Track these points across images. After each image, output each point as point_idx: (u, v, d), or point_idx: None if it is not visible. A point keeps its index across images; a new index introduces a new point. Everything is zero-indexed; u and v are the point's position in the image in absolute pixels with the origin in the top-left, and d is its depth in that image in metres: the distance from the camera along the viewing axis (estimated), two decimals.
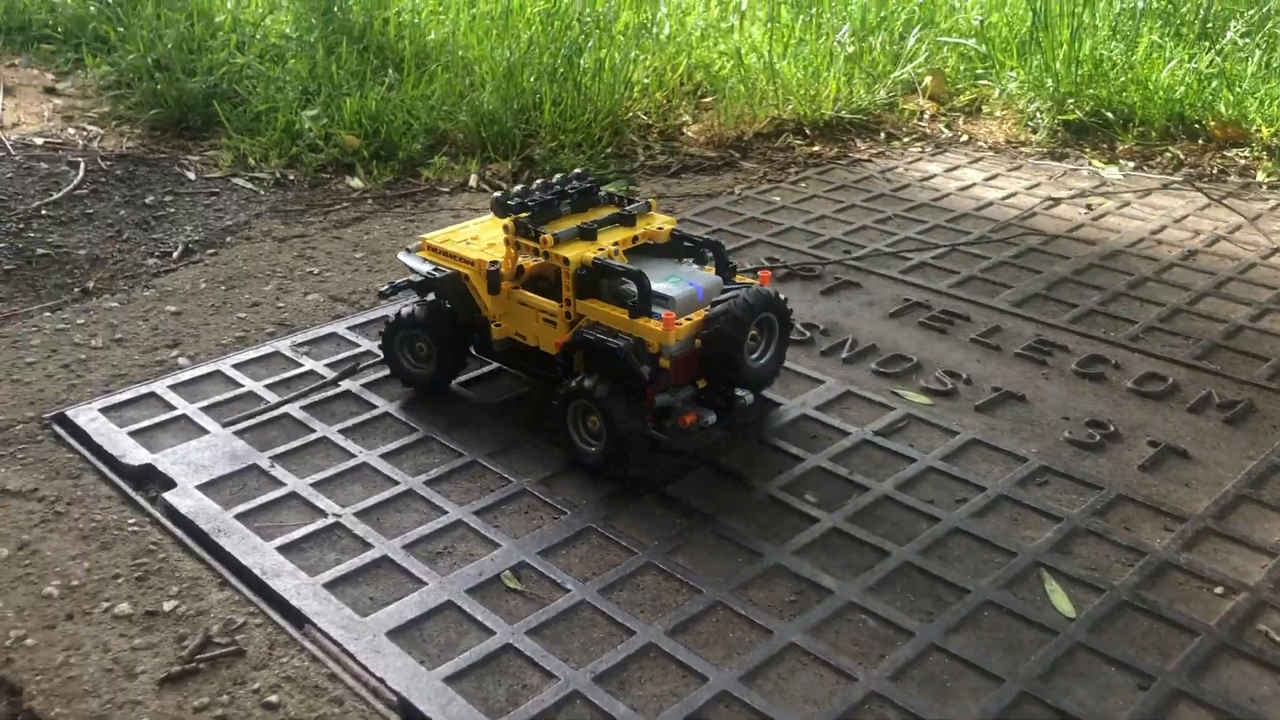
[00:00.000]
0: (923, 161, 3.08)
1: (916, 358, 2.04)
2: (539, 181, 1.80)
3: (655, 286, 1.63)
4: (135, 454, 1.74)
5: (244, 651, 1.36)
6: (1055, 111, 3.19)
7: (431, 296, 1.86)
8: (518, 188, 1.77)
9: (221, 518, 1.59)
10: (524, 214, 1.71)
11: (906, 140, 3.24)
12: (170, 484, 1.67)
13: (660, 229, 1.77)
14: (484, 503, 1.63)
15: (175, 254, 2.48)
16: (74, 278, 2.39)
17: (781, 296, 1.72)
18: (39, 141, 3.14)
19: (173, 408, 1.87)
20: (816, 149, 3.14)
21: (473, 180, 2.89)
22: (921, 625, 1.41)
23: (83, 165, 2.95)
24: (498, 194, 1.75)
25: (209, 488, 1.66)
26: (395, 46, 3.50)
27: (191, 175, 2.95)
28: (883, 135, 3.26)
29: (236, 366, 2.00)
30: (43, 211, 2.70)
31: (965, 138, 3.26)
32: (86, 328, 2.16)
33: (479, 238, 1.88)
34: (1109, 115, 3.17)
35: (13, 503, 1.64)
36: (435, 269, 1.85)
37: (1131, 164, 3.03)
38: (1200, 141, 3.11)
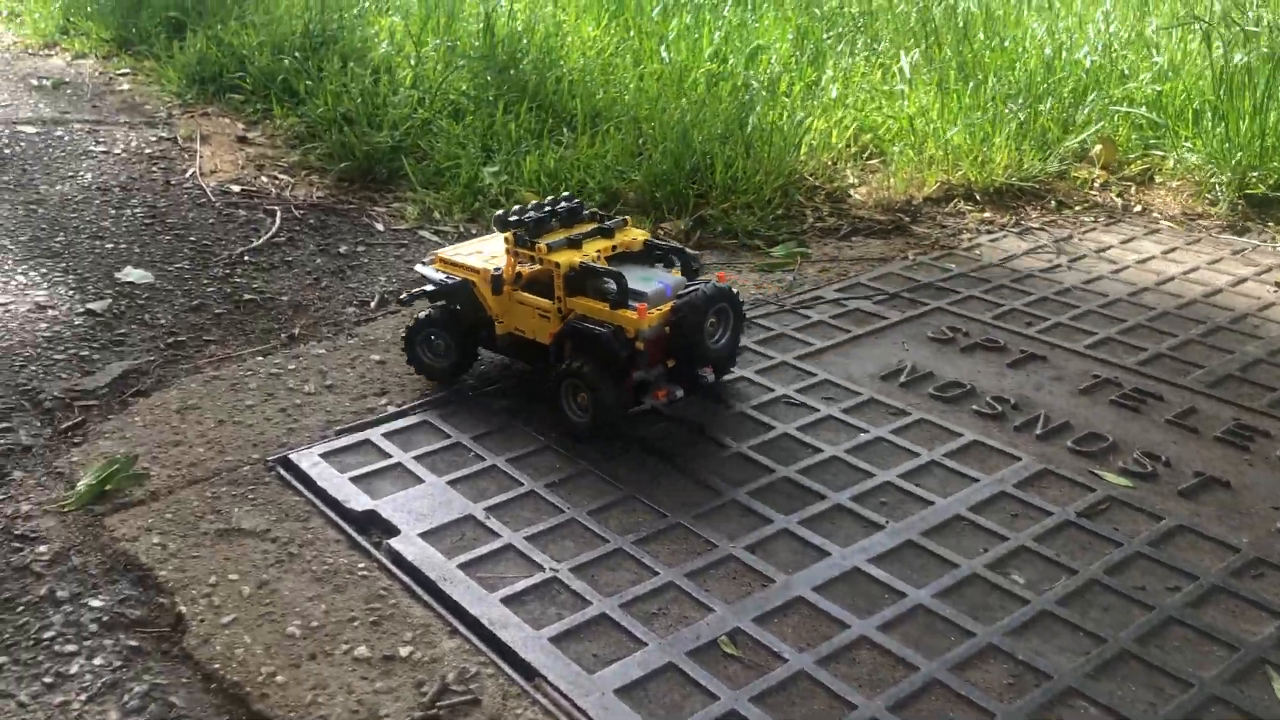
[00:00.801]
0: (1097, 232, 3.05)
1: (1112, 437, 2.02)
2: (533, 202, 2.11)
3: (631, 285, 1.94)
4: (358, 500, 1.83)
5: (480, 701, 1.42)
6: (1237, 184, 3.13)
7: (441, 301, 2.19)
8: (516, 207, 2.09)
9: (446, 566, 1.66)
10: (521, 228, 2.03)
11: (1078, 209, 3.21)
12: (393, 530, 1.75)
13: (635, 239, 2.11)
14: (692, 566, 1.67)
15: (373, 304, 2.60)
16: (279, 323, 2.53)
17: (734, 290, 2.03)
18: (236, 189, 3.32)
19: (388, 455, 1.97)
20: (987, 215, 3.14)
21: None
22: (1146, 717, 1.39)
23: (279, 214, 3.12)
24: (499, 212, 2.09)
25: (430, 536, 1.74)
26: (567, 105, 3.62)
27: (380, 226, 3.09)
28: (1054, 203, 3.23)
29: (442, 418, 2.09)
30: (245, 258, 2.86)
31: (1139, 208, 3.22)
32: (298, 373, 2.28)
33: (482, 251, 2.21)
34: None
35: (248, 541, 1.75)
36: (448, 278, 2.16)
37: None
38: None
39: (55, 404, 2.16)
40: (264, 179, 3.41)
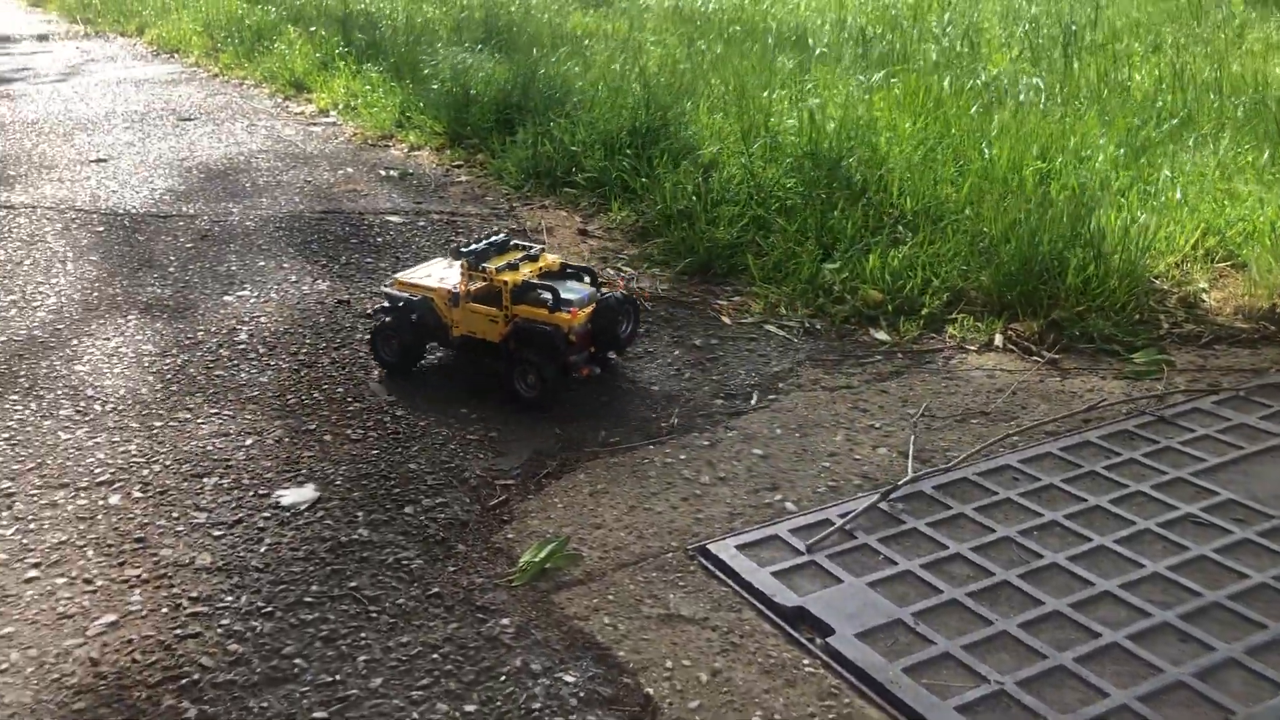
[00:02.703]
0: None
1: None
2: (475, 237, 2.80)
3: (561, 295, 2.63)
4: (784, 595, 1.92)
5: None
6: None
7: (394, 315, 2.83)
8: (465, 241, 2.84)
9: (890, 670, 1.72)
10: (471, 256, 2.68)
11: None
12: (827, 629, 1.83)
13: (553, 262, 2.80)
14: (1141, 689, 1.66)
15: (753, 400, 2.71)
16: (656, 413, 2.68)
17: (634, 296, 2.82)
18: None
19: (798, 551, 2.05)
20: None
21: (998, 340, 2.98)
22: None
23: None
24: (455, 244, 2.88)
25: (865, 637, 1.80)
26: (896, 202, 3.70)
27: (727, 320, 3.24)
28: None
29: (842, 516, 2.16)
30: None
31: None
32: (689, 463, 2.42)
33: (431, 274, 2.88)
34: None
35: (690, 629, 1.86)
36: (410, 296, 2.79)
37: None
38: None
39: (479, 482, 2.37)
40: (610, 271, 3.63)
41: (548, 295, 2.63)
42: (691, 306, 3.35)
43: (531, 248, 2.81)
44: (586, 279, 2.80)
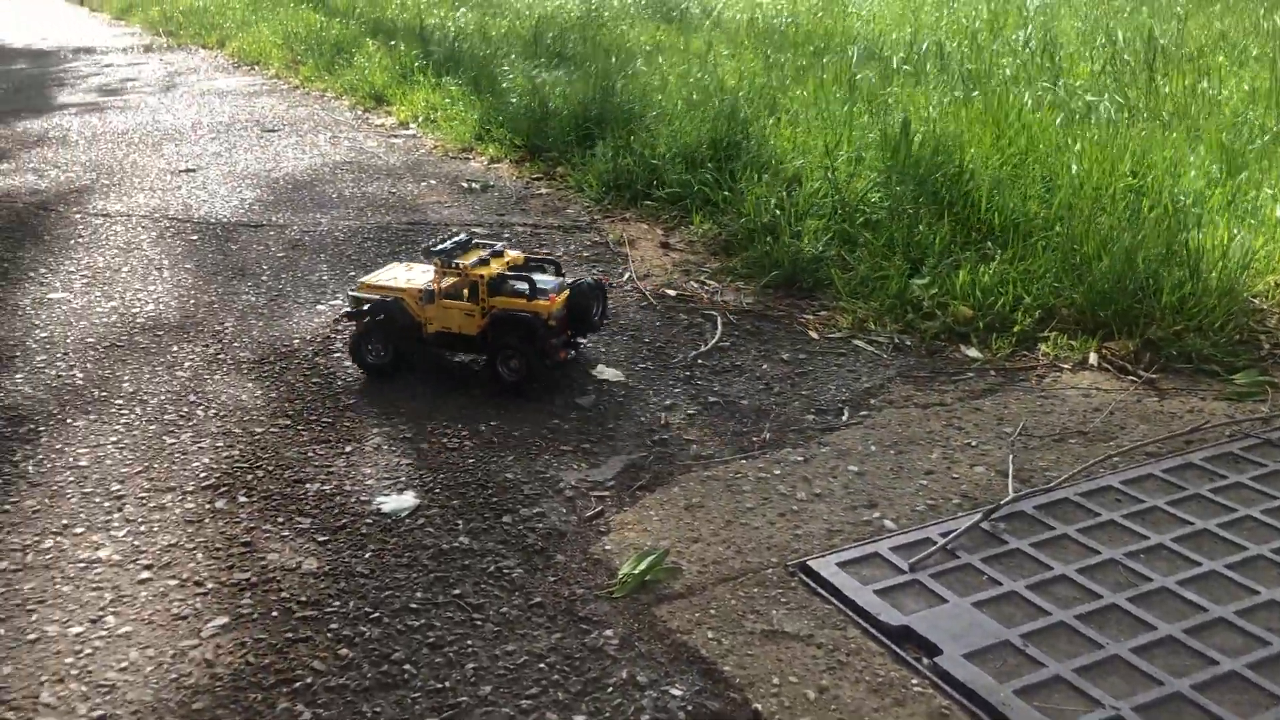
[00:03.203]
0: None
1: None
2: (440, 238, 2.90)
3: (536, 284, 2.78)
4: (889, 614, 1.91)
5: None
6: None
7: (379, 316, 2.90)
8: (435, 241, 2.89)
9: (1001, 692, 1.70)
10: (444, 255, 2.80)
11: None
12: (933, 649, 1.81)
13: (518, 257, 2.93)
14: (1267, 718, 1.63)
15: (845, 416, 2.70)
16: (746, 426, 2.68)
17: (603, 282, 2.99)
18: (671, 293, 3.57)
19: (900, 570, 2.04)
20: None
21: (1092, 358, 2.94)
22: None
23: (718, 319, 3.32)
24: (426, 244, 3.08)
25: (973, 658, 1.78)
26: (984, 216, 3.66)
27: (814, 334, 3.23)
28: None
29: (943, 535, 2.14)
30: (699, 361, 3.06)
31: None
32: (784, 479, 2.41)
33: (396, 277, 2.97)
34: None
35: (795, 645, 1.86)
36: (382, 298, 2.88)
37: None
38: None
39: (574, 493, 2.38)
40: (693, 284, 3.64)
41: (524, 285, 2.78)
42: (777, 320, 3.34)
43: (494, 245, 2.95)
44: (550, 269, 2.96)
